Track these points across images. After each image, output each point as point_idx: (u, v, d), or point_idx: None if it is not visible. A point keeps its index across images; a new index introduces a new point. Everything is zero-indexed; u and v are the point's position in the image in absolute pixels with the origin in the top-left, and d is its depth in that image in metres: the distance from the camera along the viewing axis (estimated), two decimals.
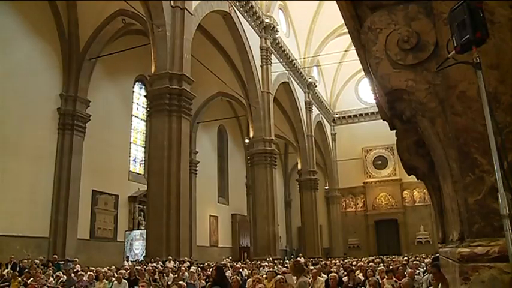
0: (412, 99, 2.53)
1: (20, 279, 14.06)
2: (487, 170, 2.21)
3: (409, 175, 3.76)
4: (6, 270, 15.89)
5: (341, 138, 47.88)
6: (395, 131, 3.34)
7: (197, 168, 32.86)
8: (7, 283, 14.02)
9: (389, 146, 42.94)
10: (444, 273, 3.46)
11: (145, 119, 29.41)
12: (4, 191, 19.27)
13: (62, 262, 19.17)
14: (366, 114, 46.72)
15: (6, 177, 19.45)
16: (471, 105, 2.30)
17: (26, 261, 18.13)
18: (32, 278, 13.67)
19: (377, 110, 3.97)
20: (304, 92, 39.91)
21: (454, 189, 2.35)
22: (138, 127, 30.07)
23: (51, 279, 14.29)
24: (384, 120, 3.44)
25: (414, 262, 17.19)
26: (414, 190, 44.06)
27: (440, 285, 7.06)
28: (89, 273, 14.27)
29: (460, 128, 2.30)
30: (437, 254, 9.48)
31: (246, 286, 10.59)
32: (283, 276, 8.86)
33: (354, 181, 46.19)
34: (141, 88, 29.94)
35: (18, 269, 16.61)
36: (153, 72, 19.79)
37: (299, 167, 39.75)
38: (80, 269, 16.29)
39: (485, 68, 2.15)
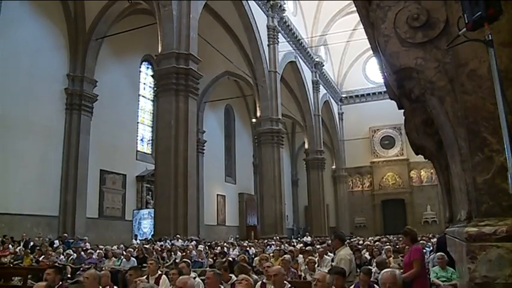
0: (421, 78, 2.50)
1: (32, 256, 14.31)
2: (497, 150, 2.19)
3: (417, 154, 3.74)
4: (18, 248, 16.19)
5: (348, 118, 47.67)
6: (403, 110, 3.31)
7: (204, 148, 32.94)
8: (20, 260, 14.29)
9: (397, 125, 42.72)
10: (451, 252, 3.46)
11: (152, 99, 29.41)
12: (14, 170, 19.47)
13: (72, 240, 19.43)
14: (374, 93, 46.41)
15: (15, 157, 19.62)
16: (481, 83, 2.27)
17: (37, 239, 18.45)
18: (43, 256, 13.89)
19: (385, 89, 3.93)
20: (312, 72, 39.64)
21: (462, 168, 2.34)
22: (146, 107, 30.09)
23: (62, 256, 14.50)
24: (391, 99, 3.41)
25: (421, 242, 17.23)
26: (421, 170, 43.97)
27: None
28: (98, 251, 14.47)
29: (470, 107, 2.27)
30: (443, 234, 9.50)
31: (253, 264, 10.68)
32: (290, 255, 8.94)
33: (361, 161, 46.14)
34: (147, 68, 29.87)
35: (30, 246, 16.90)
36: (159, 51, 19.70)
37: (306, 146, 39.72)
38: (89, 247, 16.53)
39: (497, 45, 2.11)
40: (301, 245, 18.37)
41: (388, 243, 15.99)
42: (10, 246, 16.40)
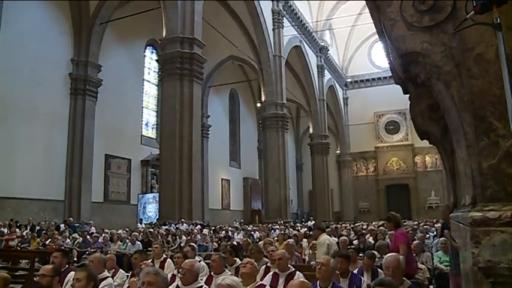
0: (427, 62, 2.47)
1: (38, 240, 14.46)
2: (503, 135, 2.18)
3: (422, 140, 3.73)
4: (25, 231, 16.35)
5: (353, 103, 47.48)
6: (408, 95, 3.29)
7: (209, 132, 32.96)
8: (27, 243, 14.45)
9: (402, 111, 42.58)
10: (454, 237, 3.47)
11: (157, 84, 29.38)
12: (20, 155, 19.60)
13: (78, 224, 19.59)
14: (379, 78, 46.14)
15: (21, 142, 19.73)
16: (488, 68, 2.24)
17: (43, 223, 18.64)
18: (49, 239, 14.03)
19: (390, 74, 3.90)
20: (317, 56, 39.41)
21: (468, 153, 2.33)
22: (150, 91, 30.09)
23: (68, 240, 14.63)
24: (397, 84, 3.38)
25: (424, 227, 17.30)
26: (426, 155, 43.89)
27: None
28: (103, 235, 14.59)
29: (476, 92, 2.25)
30: (443, 220, 9.51)
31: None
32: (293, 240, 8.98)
33: (366, 146, 46.06)
34: (152, 52, 29.79)
35: (36, 230, 17.07)
36: (164, 36, 19.65)
37: (311, 131, 39.72)
38: (95, 231, 16.66)
39: (505, 29, 2.08)
40: (306, 229, 18.47)
41: None
42: (17, 230, 16.58)
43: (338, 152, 46.35)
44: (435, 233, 15.00)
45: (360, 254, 8.14)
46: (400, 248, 6.57)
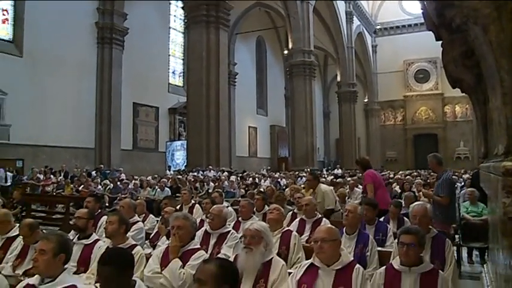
0: (464, 5, 2.37)
1: (72, 186, 14.94)
2: None
3: (454, 88, 3.63)
4: (60, 178, 16.90)
5: (382, 51, 46.32)
6: (441, 42, 3.18)
7: (236, 80, 32.81)
8: (61, 189, 14.98)
9: (433, 59, 41.45)
10: (484, 187, 3.44)
11: (183, 31, 29.14)
12: (51, 105, 20.00)
13: (108, 171, 20.10)
14: (409, 25, 44.68)
15: (51, 91, 20.07)
16: None
17: (75, 170, 19.22)
18: (82, 185, 14.48)
19: (421, 21, 3.77)
20: (345, 2, 38.27)
21: (503, 101, 2.26)
22: (176, 39, 29.91)
23: (99, 186, 15.06)
24: (429, 30, 3.26)
25: (453, 176, 17.15)
26: (456, 105, 42.96)
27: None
28: (133, 181, 14.95)
29: None
30: (477, 169, 9.41)
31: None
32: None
33: (394, 94, 45.28)
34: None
35: (69, 176, 17.62)
36: None
37: (338, 79, 39.22)
38: (125, 178, 17.08)
39: None
40: (332, 177, 18.54)
41: (418, 177, 15.93)
42: (52, 176, 17.15)
43: (366, 100, 45.76)
44: (463, 183, 14.90)
45: None
46: (367, 188, 6.83)
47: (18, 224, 4.73)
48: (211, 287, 2.18)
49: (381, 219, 5.82)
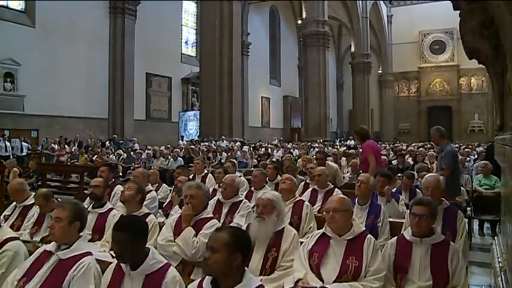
0: None
1: (86, 155, 15.12)
2: None
3: (470, 59, 3.57)
4: (74, 148, 17.10)
5: (397, 21, 45.38)
6: (458, 11, 3.12)
7: (249, 50, 32.54)
8: (76, 159, 15.18)
9: (449, 30, 40.61)
10: (498, 160, 3.42)
11: (195, 1, 28.84)
12: (64, 75, 20.08)
13: (122, 141, 20.25)
14: None
15: (64, 62, 20.14)
16: None
17: (89, 140, 19.41)
18: (96, 155, 14.64)
19: None
20: None
21: None
22: (189, 9, 29.66)
23: (113, 156, 15.20)
24: None
25: (466, 150, 17.06)
26: (472, 77, 42.23)
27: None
28: (147, 151, 15.06)
29: None
30: (491, 142, 9.34)
31: (297, 165, 10.88)
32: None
33: (409, 66, 44.60)
34: None
35: (83, 146, 17.81)
36: None
37: (352, 49, 38.78)
38: (138, 148, 17.21)
39: None
40: (345, 148, 18.50)
41: (431, 150, 15.85)
42: (66, 146, 17.35)
43: (380, 71, 45.17)
44: (476, 156, 14.82)
45: (399, 174, 8.17)
46: (368, 160, 6.76)
47: (33, 193, 4.82)
48: (224, 255, 2.22)
49: (393, 190, 5.83)
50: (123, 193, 4.27)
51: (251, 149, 17.89)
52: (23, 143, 17.03)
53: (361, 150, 7.93)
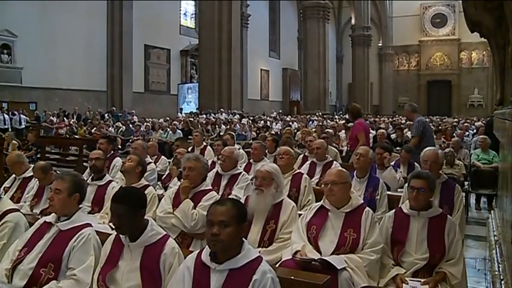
0: None
1: (85, 128, 15.10)
2: None
3: (472, 32, 3.54)
4: (72, 120, 17.06)
5: None
6: None
7: (248, 22, 32.14)
8: (74, 132, 15.17)
9: (451, 2, 40.18)
10: (497, 135, 3.42)
11: None
12: (62, 47, 19.93)
13: (120, 114, 20.21)
14: None
15: (62, 34, 19.96)
16: None
17: (87, 112, 19.37)
18: (95, 128, 14.62)
19: None
20: None
21: None
22: None
23: (111, 129, 15.19)
24: None
25: (464, 124, 17.08)
26: (473, 51, 41.89)
27: None
28: (145, 123, 15.06)
29: None
30: (491, 116, 9.33)
31: (296, 139, 10.91)
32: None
33: (409, 39, 44.19)
34: None
35: (82, 119, 17.78)
36: None
37: (353, 22, 38.41)
38: (137, 120, 17.19)
39: None
40: (344, 121, 18.47)
41: (431, 124, 15.84)
42: (65, 119, 17.31)
43: (380, 44, 44.76)
44: (475, 130, 14.83)
45: (397, 148, 8.19)
46: (358, 137, 6.85)
47: (32, 166, 4.82)
48: (235, 228, 2.22)
49: (392, 163, 5.84)
50: (124, 164, 4.29)
51: (250, 121, 17.88)
52: (22, 116, 16.98)
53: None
